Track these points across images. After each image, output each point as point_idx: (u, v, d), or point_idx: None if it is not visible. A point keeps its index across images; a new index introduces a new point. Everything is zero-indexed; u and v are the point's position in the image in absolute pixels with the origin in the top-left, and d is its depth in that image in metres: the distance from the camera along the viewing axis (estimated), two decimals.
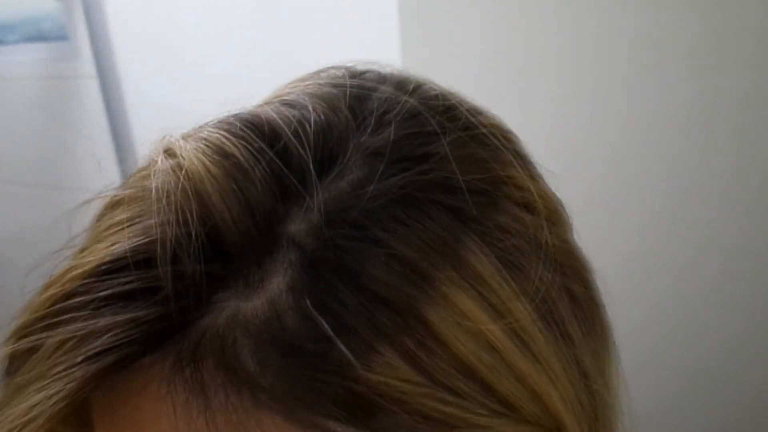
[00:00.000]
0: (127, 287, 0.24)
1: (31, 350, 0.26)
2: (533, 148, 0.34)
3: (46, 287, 0.27)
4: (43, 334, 0.25)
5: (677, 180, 0.88)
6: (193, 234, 0.24)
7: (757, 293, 0.87)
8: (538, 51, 0.90)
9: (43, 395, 0.23)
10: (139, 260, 0.24)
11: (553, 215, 0.31)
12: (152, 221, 0.25)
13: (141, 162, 0.30)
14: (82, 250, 0.27)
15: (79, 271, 0.25)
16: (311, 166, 0.26)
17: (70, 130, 1.42)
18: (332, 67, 0.32)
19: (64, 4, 1.42)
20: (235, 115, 0.28)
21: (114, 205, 0.28)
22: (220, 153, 0.26)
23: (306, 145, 0.27)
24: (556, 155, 0.34)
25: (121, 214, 0.26)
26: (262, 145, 0.26)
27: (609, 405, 0.33)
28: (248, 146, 0.26)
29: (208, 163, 0.26)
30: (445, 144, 0.28)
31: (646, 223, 0.90)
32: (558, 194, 0.33)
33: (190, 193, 0.25)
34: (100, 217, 0.28)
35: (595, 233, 0.34)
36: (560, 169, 0.34)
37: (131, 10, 1.33)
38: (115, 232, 0.26)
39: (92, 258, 0.25)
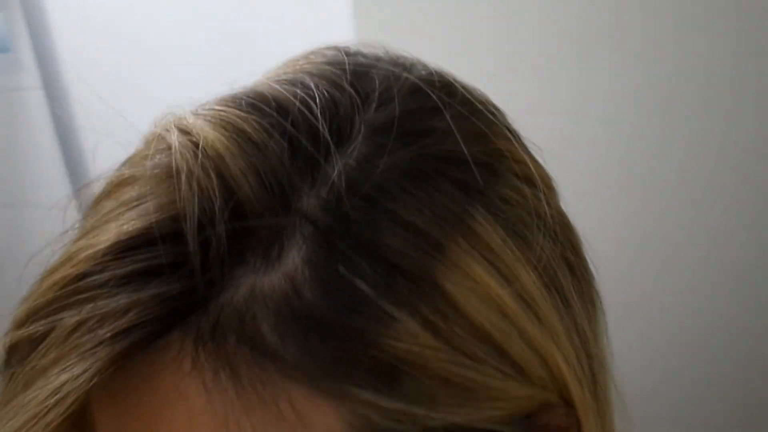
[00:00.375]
0: (147, 263, 0.24)
1: (36, 338, 0.25)
2: None
3: (50, 273, 0.26)
4: (57, 316, 0.24)
5: (662, 169, 0.88)
6: (217, 209, 0.24)
7: (742, 278, 0.89)
8: (500, 35, 0.89)
9: (70, 375, 0.23)
10: (162, 235, 0.24)
11: (547, 187, 0.32)
12: (168, 198, 0.25)
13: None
14: (86, 234, 0.26)
15: (92, 251, 0.25)
16: (330, 139, 0.26)
17: (15, 144, 1.38)
18: (324, 48, 0.33)
19: (4, 15, 1.38)
20: (237, 93, 0.28)
21: (118, 185, 0.27)
22: (233, 128, 0.26)
23: (315, 120, 0.27)
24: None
25: (129, 193, 0.26)
26: (272, 120, 0.27)
27: (605, 368, 0.34)
28: (259, 122, 0.26)
29: (223, 138, 0.26)
30: (448, 118, 0.29)
31: (630, 211, 0.91)
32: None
33: (210, 168, 0.25)
34: (102, 199, 0.28)
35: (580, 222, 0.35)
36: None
37: (75, 18, 1.30)
38: (125, 211, 0.25)
39: (105, 237, 0.25)
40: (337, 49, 0.32)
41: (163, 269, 0.24)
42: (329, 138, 0.27)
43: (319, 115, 0.27)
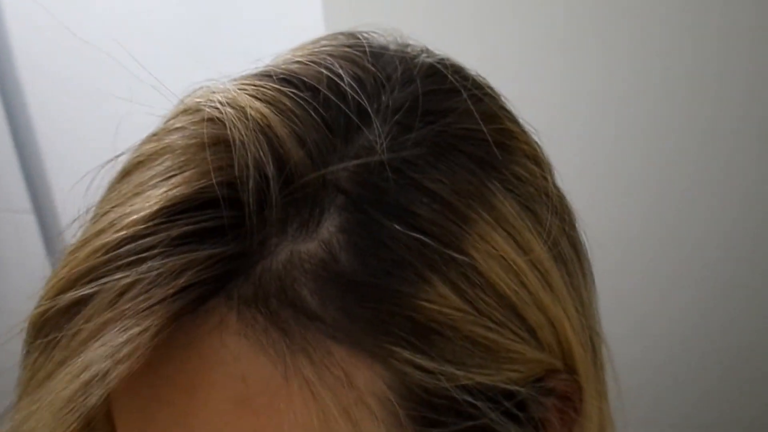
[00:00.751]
0: (199, 226, 0.25)
1: (77, 305, 0.25)
2: None
3: (84, 242, 0.27)
4: (104, 280, 0.25)
5: (651, 165, 0.88)
6: (271, 175, 0.25)
7: (732, 272, 0.90)
8: (469, 20, 0.88)
9: (129, 335, 0.23)
10: (215, 200, 0.25)
11: (549, 167, 0.34)
12: (215, 165, 0.25)
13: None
14: (122, 203, 0.27)
15: (136, 216, 0.25)
16: (362, 114, 0.28)
17: None
18: (337, 33, 0.34)
19: None
20: (265, 71, 0.30)
21: (150, 156, 0.28)
22: (275, 100, 0.27)
23: (345, 96, 0.28)
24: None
25: (165, 163, 0.27)
26: (307, 94, 0.28)
27: (599, 336, 0.36)
28: (297, 94, 0.28)
29: (269, 109, 0.27)
30: (466, 99, 0.30)
31: (618, 207, 0.91)
32: None
33: (262, 137, 0.26)
34: (131, 171, 0.28)
35: None
36: None
37: (30, 12, 1.27)
38: (164, 179, 0.26)
39: (149, 203, 0.25)
40: (351, 33, 0.34)
41: (213, 233, 0.25)
42: (365, 111, 0.28)
43: (348, 90, 0.28)
